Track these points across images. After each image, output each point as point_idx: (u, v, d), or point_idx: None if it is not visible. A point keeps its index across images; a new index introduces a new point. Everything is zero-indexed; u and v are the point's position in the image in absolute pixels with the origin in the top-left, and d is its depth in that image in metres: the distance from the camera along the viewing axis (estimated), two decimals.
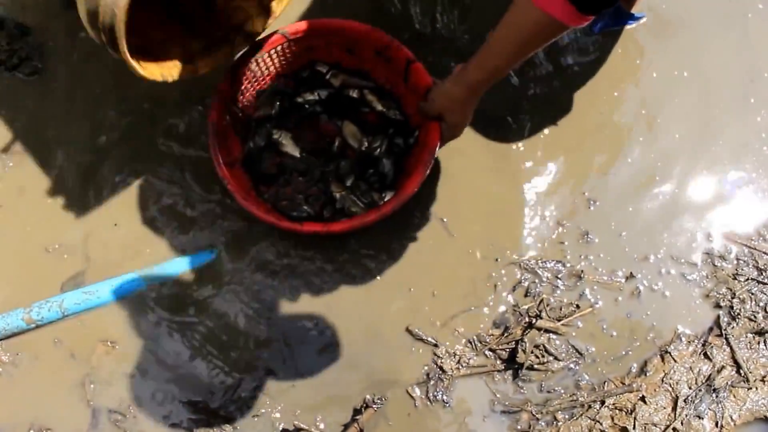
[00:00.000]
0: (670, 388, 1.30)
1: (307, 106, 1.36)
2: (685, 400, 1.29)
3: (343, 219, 1.25)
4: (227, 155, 1.25)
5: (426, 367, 1.28)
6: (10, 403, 1.26)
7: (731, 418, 1.29)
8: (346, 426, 1.25)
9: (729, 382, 1.30)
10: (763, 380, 1.31)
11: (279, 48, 1.28)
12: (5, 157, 1.36)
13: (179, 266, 1.31)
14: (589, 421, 1.28)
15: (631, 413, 1.28)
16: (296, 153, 1.34)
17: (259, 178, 1.33)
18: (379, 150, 1.32)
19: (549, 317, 1.30)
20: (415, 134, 1.31)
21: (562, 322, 1.30)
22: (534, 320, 1.29)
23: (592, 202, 1.37)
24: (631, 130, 1.42)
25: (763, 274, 1.36)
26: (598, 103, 1.43)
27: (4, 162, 1.36)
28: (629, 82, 1.44)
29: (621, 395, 1.29)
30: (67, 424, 1.25)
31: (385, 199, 1.29)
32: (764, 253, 1.37)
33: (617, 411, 1.28)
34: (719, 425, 1.28)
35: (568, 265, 1.34)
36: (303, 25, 1.26)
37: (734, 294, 1.34)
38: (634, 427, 1.27)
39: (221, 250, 1.32)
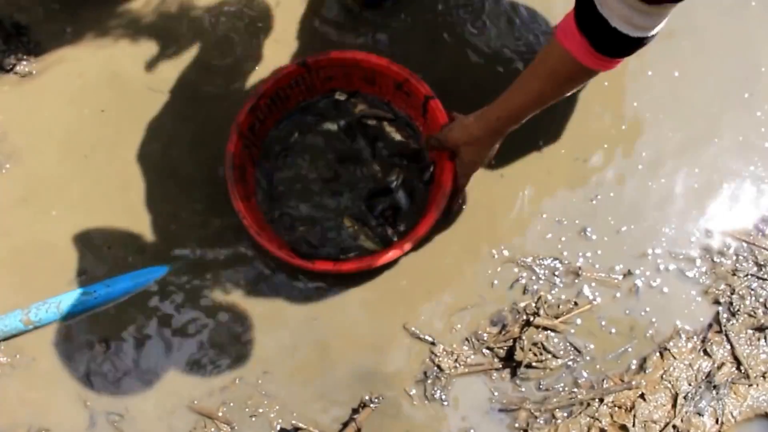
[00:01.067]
0: (669, 385, 1.29)
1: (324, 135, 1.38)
2: (684, 397, 1.28)
3: (352, 256, 1.29)
4: (243, 188, 1.26)
5: (423, 366, 1.28)
6: (9, 405, 1.26)
7: (732, 414, 1.28)
8: (344, 425, 1.24)
9: (729, 379, 1.29)
10: (763, 376, 1.30)
11: (298, 78, 1.29)
12: (2, 159, 1.37)
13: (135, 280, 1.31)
14: (588, 419, 1.27)
15: (630, 411, 1.27)
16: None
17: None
18: (395, 182, 1.33)
19: (547, 314, 1.29)
20: (431, 169, 1.33)
21: (560, 319, 1.30)
22: (532, 318, 1.29)
23: (590, 199, 1.36)
24: (629, 127, 1.41)
25: (763, 269, 1.35)
26: (594, 100, 1.42)
27: (1, 164, 1.36)
28: (627, 80, 1.44)
29: (620, 393, 1.28)
30: (65, 425, 1.25)
31: (400, 229, 1.32)
32: (763, 248, 1.36)
33: (616, 408, 1.28)
34: (720, 422, 1.27)
35: (566, 262, 1.33)
36: (323, 56, 1.28)
37: (734, 290, 1.33)
38: (633, 425, 1.26)
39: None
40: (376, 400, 1.25)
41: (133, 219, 1.34)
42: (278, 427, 1.25)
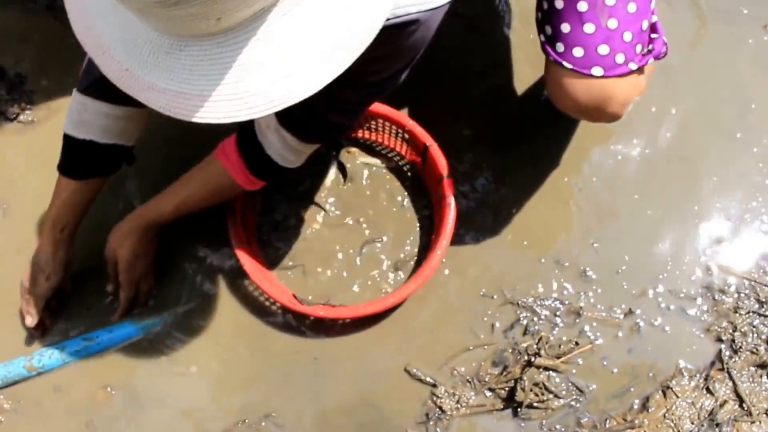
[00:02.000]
0: (672, 424, 1.29)
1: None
2: None
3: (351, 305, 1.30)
4: (243, 232, 1.27)
5: (425, 408, 1.28)
6: None
7: None
8: None
9: (732, 417, 1.29)
10: (766, 413, 1.30)
11: None
12: (5, 208, 1.38)
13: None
14: None
15: None
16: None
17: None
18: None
19: (548, 355, 1.29)
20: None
21: (561, 359, 1.30)
22: (533, 358, 1.29)
23: (590, 240, 1.36)
24: (626, 165, 1.41)
25: (765, 306, 1.35)
26: (590, 138, 1.43)
27: (3, 211, 1.37)
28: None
29: None
30: None
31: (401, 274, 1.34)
32: (765, 285, 1.36)
33: None
34: None
35: (567, 302, 1.33)
36: None
37: (735, 327, 1.33)
38: None
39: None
40: None
41: None
42: None
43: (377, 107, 1.28)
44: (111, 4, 0.64)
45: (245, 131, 1.05)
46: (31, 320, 1.24)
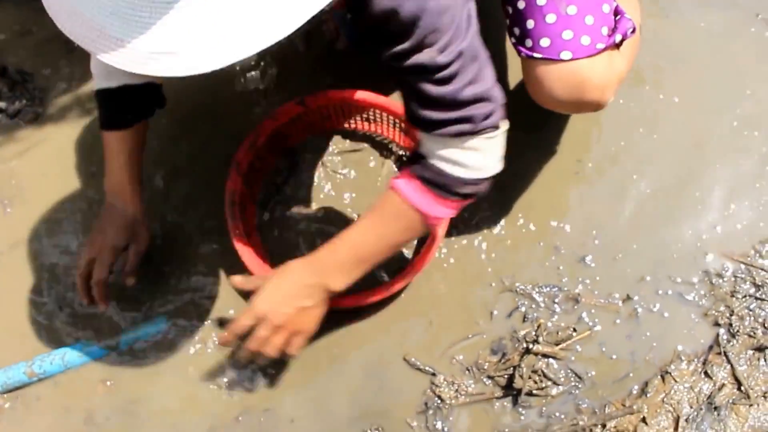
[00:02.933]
0: (671, 408, 1.29)
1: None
2: (686, 420, 1.28)
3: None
4: (244, 224, 1.27)
5: (424, 397, 1.28)
6: None
7: None
8: None
9: (730, 400, 1.30)
10: (764, 396, 1.30)
11: (296, 117, 1.30)
12: (6, 204, 1.37)
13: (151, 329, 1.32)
14: None
15: None
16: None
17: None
18: None
19: (547, 342, 1.30)
20: None
21: (560, 346, 1.30)
22: (532, 345, 1.29)
23: (588, 227, 1.37)
24: (624, 153, 1.42)
25: (761, 290, 1.35)
26: (588, 125, 1.43)
27: (4, 207, 1.37)
28: (620, 111, 1.44)
29: (622, 418, 1.28)
30: None
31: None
32: (761, 269, 1.36)
33: None
34: None
35: (565, 289, 1.33)
36: (321, 95, 1.29)
37: (733, 311, 1.34)
38: None
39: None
40: (377, 431, 1.26)
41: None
42: None
43: (373, 98, 1.28)
44: None
45: (416, 158, 0.94)
46: (131, 281, 1.21)
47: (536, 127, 1.42)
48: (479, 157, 0.92)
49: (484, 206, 1.37)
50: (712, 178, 1.41)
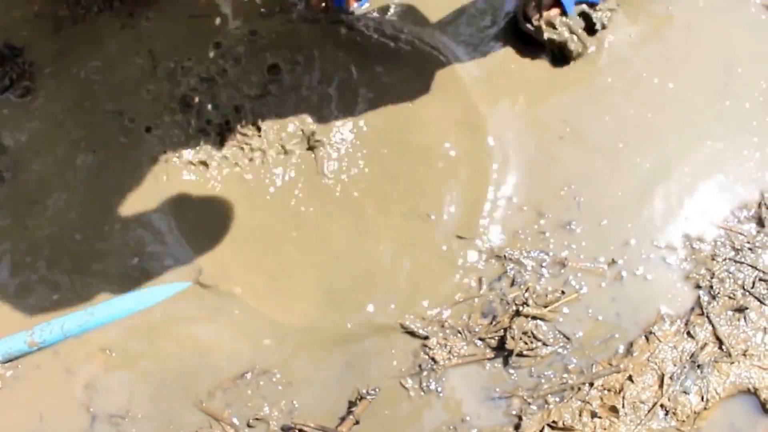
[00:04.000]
0: (656, 367, 1.34)
1: None
2: (671, 377, 1.33)
3: None
4: None
5: (418, 359, 1.32)
6: (12, 413, 1.28)
7: (716, 391, 1.33)
8: (342, 419, 1.28)
9: (712, 358, 1.34)
10: (744, 354, 1.35)
11: None
12: (2, 169, 1.39)
13: (158, 295, 1.34)
14: (579, 402, 1.31)
15: (619, 393, 1.31)
16: None
17: None
18: None
19: (536, 304, 1.34)
20: None
21: (548, 308, 1.34)
22: (521, 308, 1.33)
23: (573, 195, 1.41)
24: (607, 119, 1.47)
25: (740, 253, 1.40)
26: (572, 87, 1.47)
27: (2, 174, 1.39)
28: (618, 83, 1.49)
29: (609, 376, 1.32)
30: (67, 429, 1.28)
31: None
32: (740, 233, 1.41)
33: (606, 391, 1.32)
34: (705, 399, 1.32)
35: (552, 253, 1.38)
36: None
37: (713, 274, 1.39)
38: (623, 406, 1.30)
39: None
40: (373, 392, 1.29)
41: (132, 231, 1.37)
42: (279, 426, 1.28)
43: None
44: None
45: None
46: None
47: (521, 90, 1.46)
48: None
49: (469, 173, 1.41)
50: (693, 146, 1.46)
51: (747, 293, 1.38)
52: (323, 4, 1.41)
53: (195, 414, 1.28)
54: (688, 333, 1.36)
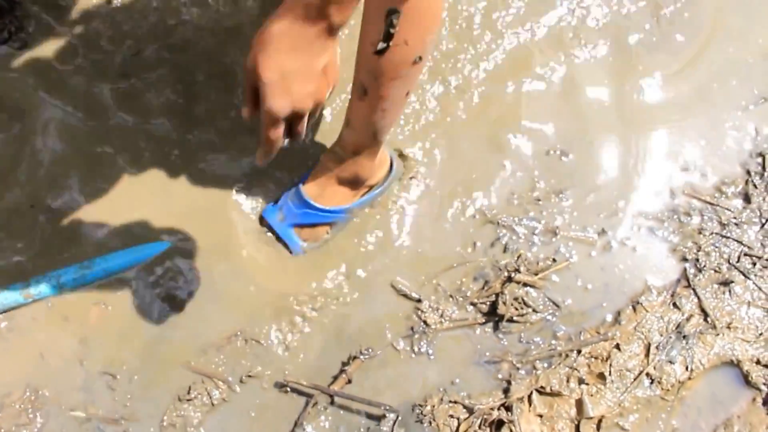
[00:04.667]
0: (642, 336, 1.37)
1: None
2: (657, 347, 1.36)
3: None
4: None
5: (410, 322, 1.34)
6: (6, 366, 1.29)
7: (700, 362, 1.36)
8: (335, 377, 1.30)
9: (697, 330, 1.38)
10: (728, 327, 1.38)
11: None
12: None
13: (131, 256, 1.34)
14: (567, 369, 1.34)
15: (606, 360, 1.34)
16: None
17: None
18: None
19: (528, 271, 1.36)
20: None
21: (539, 276, 1.37)
22: (513, 274, 1.36)
23: (564, 163, 1.45)
24: (598, 91, 1.51)
25: (726, 228, 1.44)
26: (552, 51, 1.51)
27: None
28: (594, 45, 1.53)
29: (596, 344, 1.35)
30: (61, 384, 1.28)
31: None
32: (726, 209, 1.45)
33: (593, 359, 1.35)
34: (689, 369, 1.35)
35: (543, 222, 1.41)
36: None
37: (700, 248, 1.42)
38: (609, 374, 1.33)
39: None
40: (366, 353, 1.31)
41: (139, 187, 1.38)
42: (272, 384, 1.30)
43: None
44: None
45: None
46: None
47: (509, 55, 1.50)
48: None
49: (463, 145, 1.44)
50: (680, 119, 1.50)
51: (732, 267, 1.42)
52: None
53: (186, 371, 1.29)
54: (675, 304, 1.39)
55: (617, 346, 1.35)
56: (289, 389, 1.29)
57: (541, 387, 1.32)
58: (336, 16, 0.83)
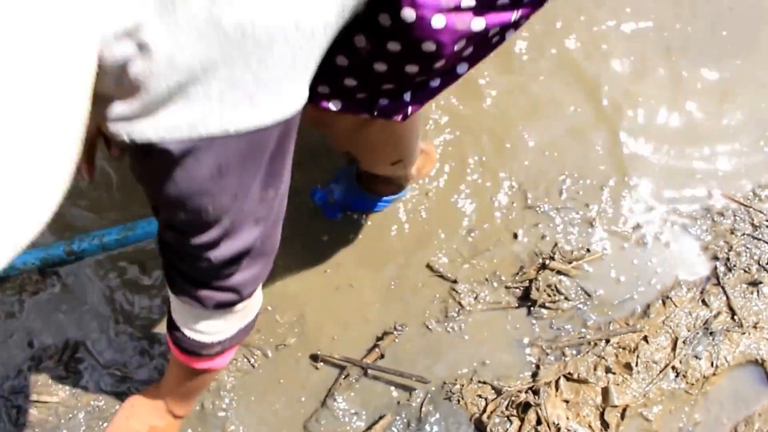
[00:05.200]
0: (670, 330, 1.39)
1: None
2: (684, 342, 1.38)
3: None
4: None
5: (445, 302, 1.36)
6: (51, 320, 1.31)
7: (726, 359, 1.38)
8: (369, 351, 1.32)
9: (724, 327, 1.40)
10: (755, 326, 1.41)
11: None
12: None
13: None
14: (594, 357, 1.36)
15: (634, 351, 1.37)
16: None
17: None
18: None
19: (562, 259, 1.39)
20: None
21: (573, 264, 1.39)
22: (548, 262, 1.38)
23: (607, 157, 1.47)
24: (641, 89, 1.53)
25: (758, 230, 1.46)
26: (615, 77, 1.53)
27: None
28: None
29: (625, 335, 1.37)
30: (99, 345, 1.31)
31: None
32: (759, 211, 1.47)
33: (621, 349, 1.37)
34: (714, 365, 1.37)
35: (581, 212, 1.43)
36: None
37: (731, 247, 1.44)
38: (636, 364, 1.36)
39: None
40: (400, 329, 1.33)
41: None
42: (306, 356, 1.32)
43: None
44: None
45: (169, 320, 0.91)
46: None
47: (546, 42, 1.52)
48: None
49: (512, 129, 1.46)
50: (719, 121, 1.52)
51: (762, 269, 1.44)
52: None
53: None
54: (703, 301, 1.42)
55: (645, 338, 1.37)
56: (321, 363, 1.31)
57: (569, 373, 1.34)
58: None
